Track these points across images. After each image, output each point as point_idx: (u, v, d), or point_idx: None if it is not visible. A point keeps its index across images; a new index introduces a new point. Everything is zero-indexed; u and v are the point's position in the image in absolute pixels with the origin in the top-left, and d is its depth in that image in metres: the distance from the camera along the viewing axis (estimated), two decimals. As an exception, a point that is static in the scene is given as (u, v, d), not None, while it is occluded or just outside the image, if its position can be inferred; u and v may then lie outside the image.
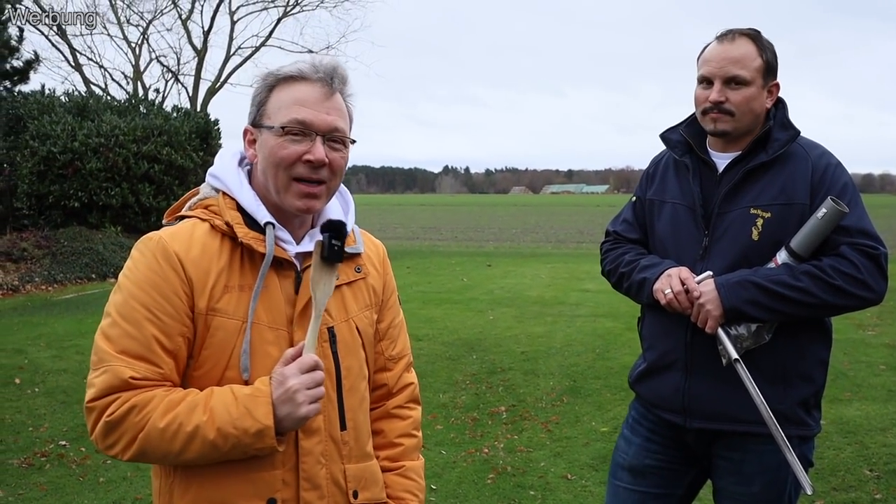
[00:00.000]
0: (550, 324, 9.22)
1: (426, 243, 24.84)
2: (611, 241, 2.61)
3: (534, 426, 5.67)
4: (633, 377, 2.54)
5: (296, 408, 1.48)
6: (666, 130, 2.50)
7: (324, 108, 1.59)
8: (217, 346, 1.55)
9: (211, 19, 29.45)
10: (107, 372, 1.49)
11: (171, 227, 1.62)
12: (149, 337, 1.51)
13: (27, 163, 15.94)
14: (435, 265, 16.52)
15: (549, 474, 4.74)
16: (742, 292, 2.17)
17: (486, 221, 40.25)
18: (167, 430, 1.47)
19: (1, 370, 7.25)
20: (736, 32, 2.29)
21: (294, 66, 1.62)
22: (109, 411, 1.48)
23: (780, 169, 2.26)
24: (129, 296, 1.53)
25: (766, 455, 2.29)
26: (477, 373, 7.12)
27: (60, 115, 16.72)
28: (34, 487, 4.64)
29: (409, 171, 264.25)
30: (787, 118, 2.33)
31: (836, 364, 6.99)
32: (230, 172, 1.66)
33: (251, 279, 1.58)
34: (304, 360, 1.51)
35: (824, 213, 2.13)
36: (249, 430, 1.47)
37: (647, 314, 2.50)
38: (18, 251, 14.11)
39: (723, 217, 2.29)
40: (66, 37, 26.84)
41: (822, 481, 4.47)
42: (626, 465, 2.51)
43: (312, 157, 1.57)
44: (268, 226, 1.59)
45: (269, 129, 1.59)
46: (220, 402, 1.49)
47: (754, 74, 2.25)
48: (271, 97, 1.62)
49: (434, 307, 10.58)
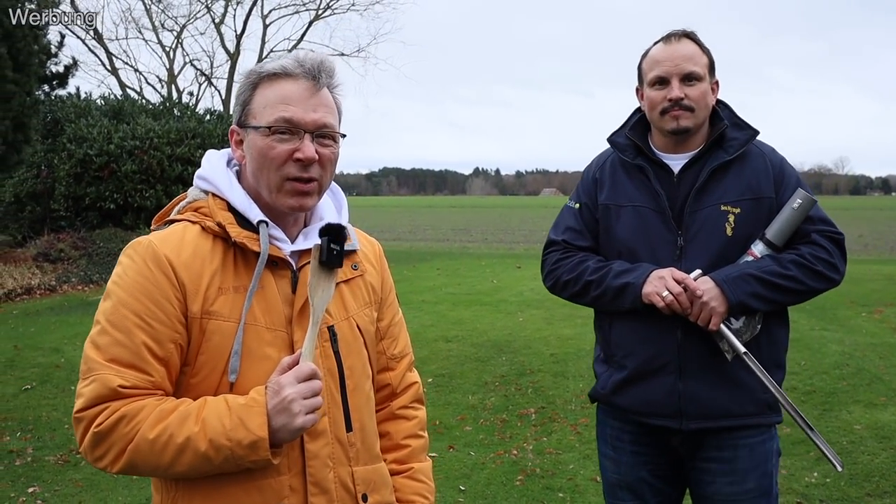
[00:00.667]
0: (580, 326, 9.17)
1: (456, 245, 24.87)
2: (559, 251, 2.50)
3: (563, 428, 5.65)
4: (608, 388, 2.43)
5: (292, 418, 1.42)
6: (612, 134, 2.51)
7: (310, 104, 1.55)
8: (214, 350, 1.50)
9: (243, 23, 29.79)
10: (95, 381, 1.44)
11: (161, 231, 1.57)
12: (139, 344, 1.45)
13: (64, 165, 16.24)
14: (465, 267, 16.53)
15: (579, 476, 4.73)
16: (745, 286, 2.22)
17: (516, 223, 40.18)
18: (157, 442, 1.41)
19: (38, 368, 7.40)
20: (679, 33, 2.36)
21: (277, 63, 1.58)
22: (98, 422, 1.42)
23: (741, 167, 2.34)
24: (119, 302, 1.48)
25: (756, 448, 2.33)
26: (506, 374, 7.11)
27: (97, 119, 17.01)
28: (70, 484, 4.72)
29: (439, 172, 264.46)
30: (738, 118, 2.42)
31: (871, 368, 6.90)
32: (219, 173, 1.63)
33: (246, 280, 1.54)
34: (301, 368, 1.46)
35: (799, 203, 2.26)
36: (243, 441, 1.41)
37: (617, 321, 2.41)
38: (55, 252, 14.38)
39: (694, 216, 2.31)
40: (102, 41, 27.29)
41: (856, 487, 4.40)
42: (623, 483, 2.47)
43: (302, 155, 1.53)
44: (261, 224, 1.55)
45: (256, 129, 1.56)
46: (213, 413, 1.43)
47: (704, 70, 2.33)
48: (255, 96, 1.58)
49: (463, 309, 10.59)
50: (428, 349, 7.96)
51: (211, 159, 1.68)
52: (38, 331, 9.29)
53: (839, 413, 5.65)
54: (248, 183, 1.61)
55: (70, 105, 17.74)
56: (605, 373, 2.47)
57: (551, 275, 2.51)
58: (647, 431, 2.40)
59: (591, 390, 2.53)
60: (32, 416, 6.02)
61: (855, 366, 6.98)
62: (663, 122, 2.34)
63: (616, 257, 2.40)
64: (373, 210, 61.40)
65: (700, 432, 2.32)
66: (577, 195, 2.53)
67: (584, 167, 2.61)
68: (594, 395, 2.52)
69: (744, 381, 2.28)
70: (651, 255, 2.33)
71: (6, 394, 6.59)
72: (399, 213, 51.57)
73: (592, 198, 2.48)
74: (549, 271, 2.52)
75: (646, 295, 2.24)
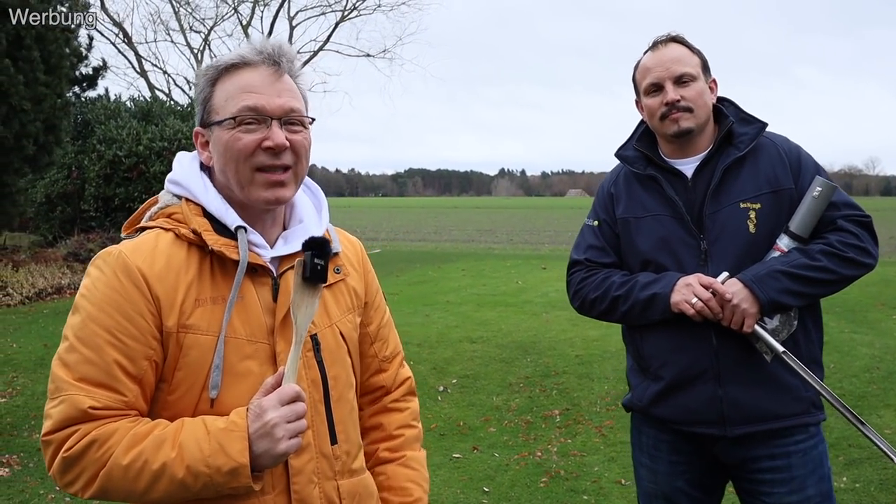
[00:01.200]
0: (606, 327, 9.11)
1: (481, 246, 24.85)
2: (583, 269, 2.47)
3: (588, 430, 5.62)
4: (645, 400, 2.38)
5: (274, 444, 1.35)
6: (619, 149, 2.49)
7: (274, 90, 1.48)
8: (192, 365, 1.41)
9: (271, 25, 29.99)
10: (64, 402, 1.35)
11: (132, 241, 1.47)
12: (110, 362, 1.37)
13: (94, 166, 16.47)
14: (490, 268, 16.51)
15: (603, 479, 4.70)
16: (774, 283, 2.17)
17: (541, 224, 40.07)
18: (131, 468, 1.33)
19: (68, 367, 7.48)
20: (666, 39, 2.35)
21: (234, 54, 1.51)
22: (67, 445, 1.35)
23: (754, 161, 2.30)
24: (88, 318, 1.39)
25: (809, 452, 2.28)
26: (531, 376, 7.09)
27: (126, 120, 17.23)
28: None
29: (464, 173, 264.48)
30: (744, 113, 2.38)
31: (903, 372, 6.78)
32: (192, 176, 1.53)
33: (225, 290, 1.45)
34: (284, 390, 1.38)
35: (819, 191, 2.21)
36: (222, 468, 1.33)
37: (647, 333, 2.36)
38: (86, 252, 14.56)
39: (714, 217, 2.27)
40: (132, 44, 27.62)
41: (886, 492, 4.34)
42: (659, 493, 2.43)
43: (272, 142, 1.45)
44: (239, 230, 1.47)
45: (220, 123, 1.47)
46: (191, 437, 1.35)
47: (697, 70, 2.31)
48: (216, 91, 1.50)
49: (488, 310, 10.57)
50: (452, 350, 7.96)
51: (182, 162, 1.58)
52: (68, 330, 9.39)
53: (869, 417, 5.56)
54: (220, 185, 1.53)
55: (100, 107, 17.98)
56: (640, 384, 2.42)
57: (577, 294, 2.47)
58: (685, 440, 2.35)
59: (626, 400, 2.49)
60: (62, 413, 6.09)
61: (886, 369, 6.87)
62: (665, 126, 2.31)
63: (640, 269, 2.36)
64: (398, 211, 61.58)
65: (745, 438, 2.26)
66: (595, 212, 2.51)
67: (599, 184, 2.60)
68: (630, 406, 2.47)
69: (785, 380, 2.23)
70: (675, 263, 2.29)
71: (36, 392, 6.67)
72: (424, 214, 51.63)
73: (610, 213, 2.45)
74: (576, 291, 2.48)
75: (675, 304, 2.21)
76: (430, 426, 5.68)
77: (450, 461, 5.02)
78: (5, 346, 8.36)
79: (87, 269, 1.46)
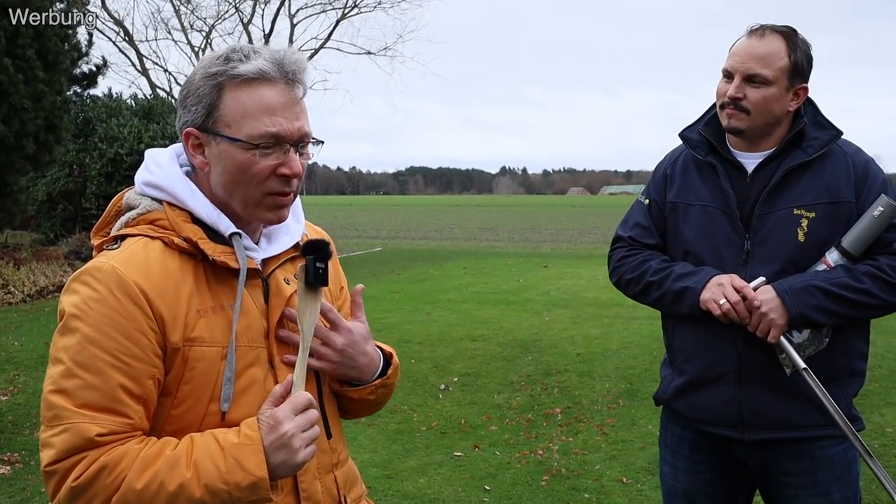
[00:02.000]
0: (607, 325, 9.12)
1: (482, 244, 24.83)
2: (625, 247, 2.44)
3: (589, 428, 5.62)
4: (668, 393, 2.37)
5: (292, 455, 1.35)
6: (685, 129, 2.40)
7: (293, 113, 1.42)
8: (199, 378, 1.38)
9: (271, 23, 29.89)
10: (67, 430, 1.29)
11: (120, 253, 1.40)
12: (114, 386, 1.31)
13: (95, 164, 16.48)
14: (491, 266, 16.50)
15: (605, 477, 4.70)
16: (808, 299, 2.09)
17: (542, 222, 40.06)
18: (146, 491, 1.29)
19: (69, 365, 7.49)
20: (768, 28, 2.20)
21: (253, 66, 1.40)
22: (75, 475, 1.29)
23: (820, 168, 2.19)
24: (86, 340, 1.32)
25: (835, 458, 2.22)
26: (532, 374, 7.09)
27: (127, 118, 17.25)
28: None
29: (466, 171, 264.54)
30: (821, 116, 2.27)
31: (904, 370, 6.78)
32: (177, 180, 1.46)
33: (222, 297, 1.42)
34: (297, 399, 1.38)
35: (881, 210, 2.08)
36: (241, 483, 1.31)
37: (679, 325, 2.34)
38: (87, 250, 14.56)
39: (764, 219, 2.19)
40: (133, 42, 27.60)
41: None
42: (679, 490, 2.42)
43: (289, 171, 1.42)
44: (234, 237, 1.43)
45: (232, 140, 1.40)
46: (205, 455, 1.32)
47: (777, 74, 2.16)
48: (226, 99, 1.41)
49: (490, 308, 10.57)
50: (454, 348, 7.95)
51: (160, 163, 1.50)
52: (70, 328, 9.40)
53: (871, 416, 5.56)
54: (210, 192, 1.47)
55: (101, 105, 17.99)
56: (668, 376, 2.40)
57: (616, 272, 2.45)
58: (708, 440, 2.32)
59: (655, 392, 2.48)
60: (63, 411, 6.09)
61: (887, 367, 6.86)
62: (721, 116, 2.25)
63: (681, 258, 2.32)
64: (399, 209, 61.53)
65: (765, 443, 2.23)
66: (648, 191, 2.46)
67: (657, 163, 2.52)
68: (657, 398, 2.46)
69: (811, 393, 2.14)
70: (715, 259, 2.24)
71: (37, 390, 6.67)
72: (426, 212, 51.61)
73: (662, 194, 2.40)
74: (614, 268, 2.46)
75: (703, 301, 2.16)
76: (432, 424, 5.67)
77: (451, 459, 5.02)
78: (7, 345, 8.37)
79: (71, 286, 1.38)
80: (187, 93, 1.45)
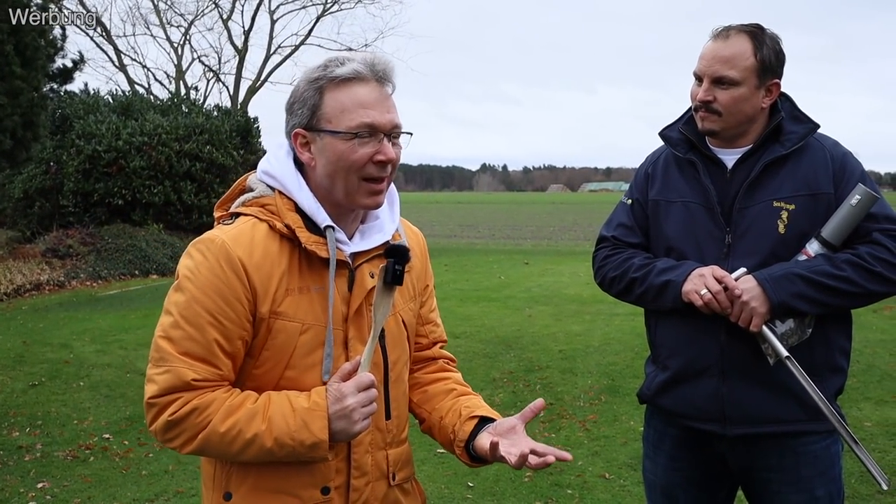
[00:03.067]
0: (588, 322, 9.16)
1: (464, 241, 24.85)
2: (609, 247, 2.47)
3: (571, 425, 5.64)
4: (652, 389, 2.39)
5: (351, 425, 1.55)
6: (665, 128, 2.43)
7: (385, 107, 1.61)
8: (278, 347, 1.60)
9: (251, 19, 29.81)
10: (169, 372, 1.54)
11: (231, 229, 1.62)
12: (210, 341, 1.55)
13: (73, 161, 16.28)
14: (472, 263, 16.51)
15: (587, 473, 4.71)
16: (789, 286, 2.11)
17: (523, 219, 40.14)
18: (227, 435, 1.53)
19: (47, 364, 7.42)
20: (733, 29, 2.23)
21: (349, 68, 1.61)
22: (171, 410, 1.53)
23: (798, 161, 2.23)
24: (192, 299, 1.56)
25: (819, 453, 2.24)
26: (514, 371, 7.10)
27: (105, 115, 17.06)
28: (79, 479, 4.73)
29: (446, 168, 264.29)
30: (798, 111, 2.30)
31: (881, 365, 6.86)
32: (288, 173, 1.66)
33: (309, 280, 1.62)
34: (361, 378, 1.57)
35: (858, 199, 2.11)
36: (305, 441, 1.54)
37: (661, 321, 2.37)
38: (64, 248, 14.42)
39: (744, 213, 2.22)
40: (110, 38, 27.34)
41: (866, 484, 4.38)
42: (657, 485, 2.44)
43: (384, 157, 1.60)
44: (328, 230, 1.62)
45: (334, 133, 1.59)
46: (279, 413, 1.55)
47: (745, 74, 2.19)
48: (326, 99, 1.61)
49: (471, 305, 10.58)
50: (436, 345, 7.92)
51: (278, 156, 1.70)
52: (47, 326, 9.31)
53: (849, 410, 5.61)
54: (316, 184, 1.66)
55: (78, 101, 17.78)
56: (651, 373, 2.42)
57: (600, 271, 2.47)
58: (690, 436, 2.34)
59: (639, 389, 2.49)
60: (41, 411, 6.04)
61: (865, 363, 6.93)
62: (696, 118, 2.29)
63: (664, 254, 2.34)
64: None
65: (748, 438, 2.24)
66: (631, 191, 2.49)
67: (636, 160, 2.57)
68: (641, 395, 2.47)
69: (792, 385, 2.17)
70: (698, 254, 2.26)
71: (15, 389, 6.61)
72: (406, 209, 50.94)
73: (644, 194, 2.42)
74: (598, 268, 2.48)
75: (685, 293, 2.17)
76: (414, 421, 5.67)
77: (434, 456, 5.02)
78: (-17, 344, 8.26)
79: (189, 251, 1.61)
80: (293, 100, 1.65)
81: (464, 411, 1.78)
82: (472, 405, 1.80)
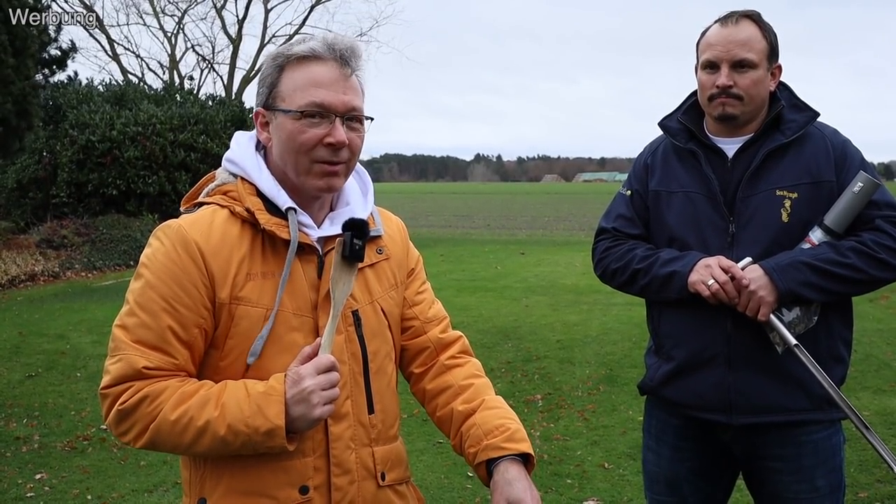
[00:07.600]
0: (586, 312, 9.16)
1: (459, 231, 24.83)
2: (609, 239, 2.44)
3: (570, 414, 5.64)
4: (656, 380, 2.36)
5: (310, 409, 1.46)
6: (664, 118, 2.42)
7: (341, 88, 1.55)
8: (242, 334, 1.53)
9: (245, 8, 29.64)
10: (121, 360, 1.48)
11: (191, 215, 1.58)
12: (164, 328, 1.49)
13: (66, 151, 16.21)
14: (468, 253, 16.51)
15: (586, 463, 4.72)
16: (796, 274, 2.11)
17: (518, 209, 40.13)
18: (178, 423, 1.46)
19: (43, 355, 7.39)
20: (738, 15, 2.23)
21: (306, 46, 1.56)
22: (122, 399, 1.47)
23: (799, 149, 2.22)
24: (147, 285, 1.51)
25: (820, 443, 2.24)
26: (512, 361, 7.10)
27: (99, 105, 16.97)
28: (77, 470, 4.72)
29: (440, 159, 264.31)
30: (797, 99, 2.30)
31: (879, 355, 6.88)
32: (248, 157, 1.62)
33: (273, 266, 1.55)
34: (320, 360, 1.49)
35: (861, 186, 2.12)
36: (260, 428, 1.45)
37: (665, 311, 2.34)
38: (59, 238, 14.37)
39: (747, 202, 2.21)
40: (104, 27, 27.18)
41: (865, 473, 4.39)
42: (661, 477, 2.42)
43: (333, 139, 1.53)
44: (290, 211, 1.56)
45: (286, 112, 1.55)
46: (233, 399, 1.47)
47: (761, 57, 2.20)
48: (283, 78, 1.56)
49: (468, 295, 10.57)
50: (433, 335, 7.92)
51: (240, 142, 1.67)
52: (43, 317, 9.28)
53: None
54: (275, 166, 1.61)
55: (72, 91, 17.69)
56: (654, 364, 2.40)
57: (601, 263, 2.45)
58: (693, 426, 2.33)
59: (640, 381, 2.47)
60: (38, 402, 6.02)
61: (863, 352, 6.94)
62: (711, 107, 2.26)
63: (666, 245, 2.32)
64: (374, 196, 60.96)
65: (752, 428, 2.23)
66: (629, 182, 2.46)
67: (631, 149, 2.56)
68: (642, 387, 2.45)
69: (798, 375, 2.16)
70: (701, 244, 2.25)
71: (12, 380, 6.58)
72: (401, 200, 51.42)
73: (643, 184, 2.40)
74: (599, 260, 2.45)
75: (691, 284, 2.16)
76: (413, 411, 5.66)
77: (433, 446, 5.01)
78: (-22, 335, 8.23)
79: (150, 240, 1.57)
80: (259, 79, 1.62)
81: (479, 455, 1.68)
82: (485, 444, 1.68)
